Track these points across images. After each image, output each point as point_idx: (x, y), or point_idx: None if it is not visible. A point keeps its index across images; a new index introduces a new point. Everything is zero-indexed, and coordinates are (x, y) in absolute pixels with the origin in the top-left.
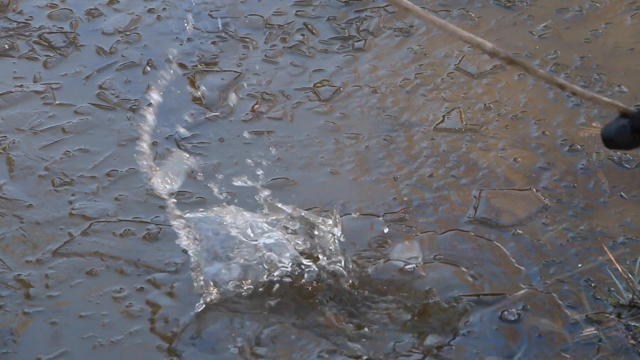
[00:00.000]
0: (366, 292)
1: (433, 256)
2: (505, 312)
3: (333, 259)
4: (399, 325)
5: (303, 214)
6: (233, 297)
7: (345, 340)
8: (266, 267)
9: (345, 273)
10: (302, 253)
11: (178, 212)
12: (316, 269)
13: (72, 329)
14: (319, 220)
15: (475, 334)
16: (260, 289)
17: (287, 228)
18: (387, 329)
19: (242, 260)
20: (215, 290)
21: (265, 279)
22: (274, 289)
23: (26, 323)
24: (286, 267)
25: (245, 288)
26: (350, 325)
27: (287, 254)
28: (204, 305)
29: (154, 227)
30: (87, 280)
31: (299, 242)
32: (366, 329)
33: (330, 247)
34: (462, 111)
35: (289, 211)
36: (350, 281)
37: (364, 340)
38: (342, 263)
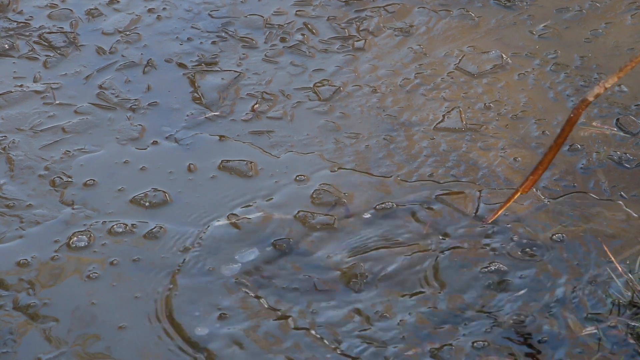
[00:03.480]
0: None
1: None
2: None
3: None
4: (399, 322)
5: None
6: None
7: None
8: None
9: None
10: None
11: None
12: None
13: (68, 327)
14: None
15: (475, 334)
16: None
17: None
18: (387, 328)
19: None
20: None
21: None
22: None
23: (26, 323)
24: None
25: None
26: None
27: None
28: None
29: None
30: (87, 281)
31: None
32: (367, 326)
33: None
34: (462, 111)
35: None
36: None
37: (362, 338)
38: None
